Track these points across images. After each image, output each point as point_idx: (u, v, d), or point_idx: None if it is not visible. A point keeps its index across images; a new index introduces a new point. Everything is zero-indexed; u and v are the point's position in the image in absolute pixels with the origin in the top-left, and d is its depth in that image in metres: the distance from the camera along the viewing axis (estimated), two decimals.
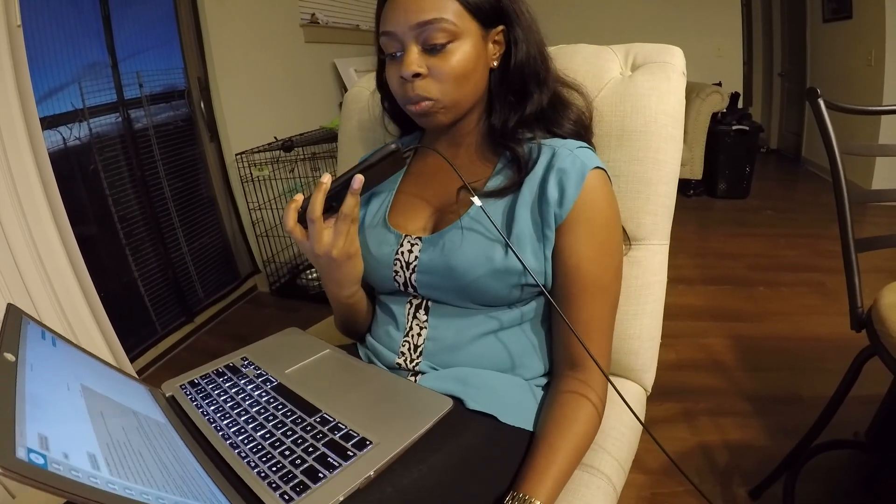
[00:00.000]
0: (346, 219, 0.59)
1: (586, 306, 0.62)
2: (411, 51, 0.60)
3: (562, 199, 0.61)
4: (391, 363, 0.69)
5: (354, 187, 0.57)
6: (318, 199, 0.57)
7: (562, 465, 0.56)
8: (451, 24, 0.59)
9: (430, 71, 0.61)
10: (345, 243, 0.60)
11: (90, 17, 1.73)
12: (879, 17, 3.08)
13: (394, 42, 0.62)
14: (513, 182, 0.64)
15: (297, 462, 0.50)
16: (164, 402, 0.63)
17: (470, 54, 0.61)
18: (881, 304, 0.88)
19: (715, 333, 1.87)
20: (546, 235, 0.62)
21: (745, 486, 1.19)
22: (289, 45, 2.63)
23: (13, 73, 1.21)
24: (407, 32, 0.60)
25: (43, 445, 0.36)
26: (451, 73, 0.60)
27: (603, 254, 0.63)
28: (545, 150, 0.65)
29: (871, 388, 1.08)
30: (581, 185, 0.61)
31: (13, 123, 1.20)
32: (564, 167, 0.62)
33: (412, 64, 0.60)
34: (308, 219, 0.58)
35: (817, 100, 0.91)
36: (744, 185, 3.49)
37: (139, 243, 1.93)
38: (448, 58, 0.60)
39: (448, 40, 0.60)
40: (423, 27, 0.59)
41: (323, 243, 0.59)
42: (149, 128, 1.98)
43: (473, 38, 0.61)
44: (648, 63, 0.78)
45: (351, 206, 0.58)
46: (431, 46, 0.60)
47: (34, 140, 1.26)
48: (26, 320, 0.53)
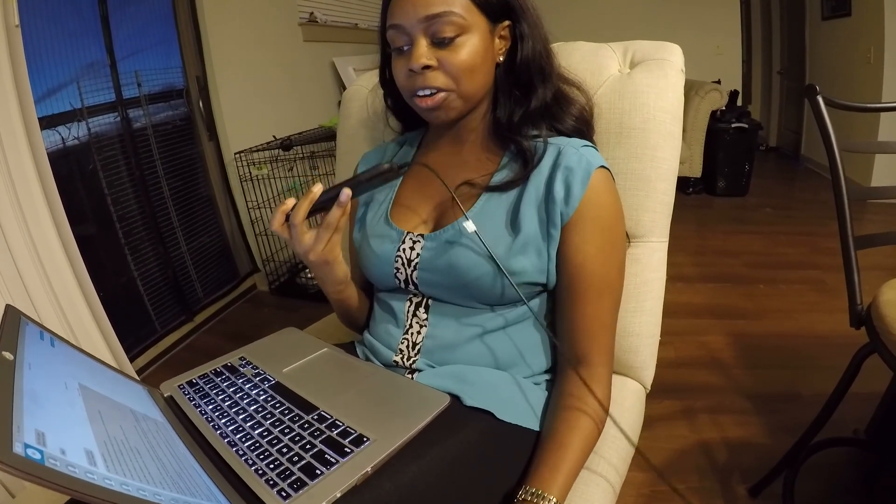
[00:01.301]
0: (329, 228, 0.59)
1: (591, 303, 0.63)
2: (420, 44, 0.60)
3: (568, 197, 0.61)
4: (388, 361, 0.69)
5: (341, 200, 0.58)
6: (302, 206, 0.58)
7: (572, 462, 0.56)
8: (459, 17, 0.59)
9: (439, 63, 0.61)
10: (323, 249, 0.61)
11: (88, 17, 1.73)
12: (878, 14, 3.07)
13: (402, 35, 0.62)
14: (518, 176, 0.65)
15: (295, 459, 0.50)
16: (163, 402, 0.63)
17: (478, 48, 0.61)
18: (880, 301, 0.88)
19: (714, 331, 1.87)
20: (551, 234, 0.63)
21: (744, 483, 1.19)
22: (287, 44, 2.63)
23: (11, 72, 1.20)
24: (415, 26, 0.60)
25: (40, 441, 0.36)
26: (460, 66, 0.61)
27: (608, 252, 0.63)
28: (551, 148, 0.65)
29: (871, 386, 1.08)
30: (587, 183, 0.61)
31: (12, 123, 1.20)
32: (571, 165, 0.62)
33: (421, 57, 0.60)
34: (290, 222, 0.59)
35: (816, 97, 0.91)
36: (743, 182, 3.49)
37: (138, 243, 1.93)
38: (457, 51, 0.60)
39: (457, 34, 0.60)
40: (431, 20, 0.59)
41: (303, 245, 0.60)
42: (147, 127, 1.98)
43: (481, 32, 0.61)
44: (647, 60, 0.78)
45: (336, 217, 0.59)
46: (440, 40, 0.60)
47: (33, 140, 1.26)
48: (24, 321, 0.53)
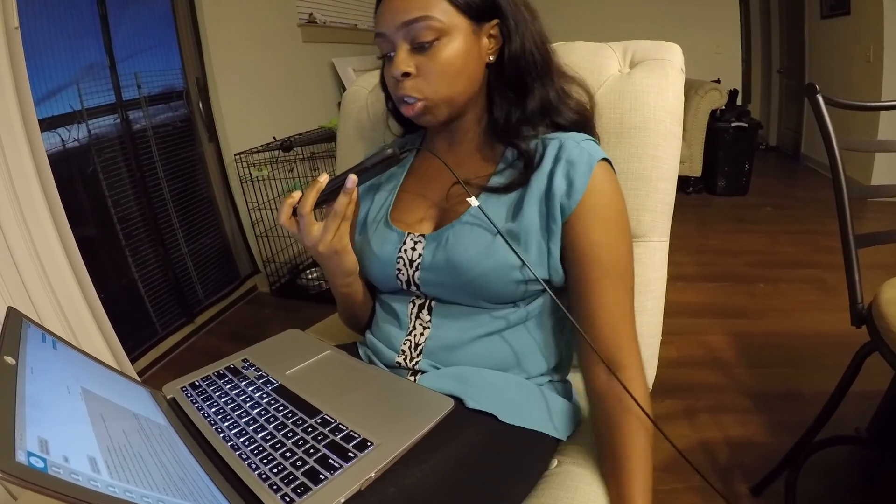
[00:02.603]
0: (337, 216, 0.60)
1: (607, 292, 0.62)
2: (401, 50, 0.61)
3: (570, 189, 0.61)
4: (391, 362, 0.69)
5: (348, 187, 0.58)
6: (310, 196, 0.58)
7: (646, 484, 0.56)
8: (437, 21, 0.59)
9: (418, 70, 0.61)
10: (332, 239, 0.61)
11: (88, 19, 1.73)
12: (878, 12, 3.07)
13: (385, 43, 0.63)
14: (519, 179, 0.64)
15: (299, 464, 0.50)
16: (165, 405, 0.63)
17: (459, 50, 0.61)
18: (881, 299, 0.88)
19: (715, 330, 1.87)
20: (551, 228, 0.62)
21: (746, 482, 1.19)
22: (287, 45, 2.63)
23: (11, 74, 1.20)
24: (395, 33, 0.61)
25: (43, 449, 0.36)
26: (439, 71, 0.61)
27: (616, 240, 0.63)
28: (552, 143, 0.65)
29: (872, 384, 1.07)
30: (589, 175, 0.61)
31: (12, 125, 1.20)
32: (572, 159, 0.62)
33: (400, 64, 0.61)
34: (298, 213, 0.59)
35: (816, 96, 0.91)
36: (743, 181, 3.49)
37: (139, 244, 1.93)
38: (436, 55, 0.60)
39: (435, 37, 0.60)
40: (409, 26, 0.59)
41: (311, 237, 0.61)
42: (147, 129, 1.97)
43: (463, 34, 0.61)
44: (647, 60, 0.78)
45: (343, 205, 0.59)
46: (419, 45, 0.60)
47: (33, 142, 1.26)
48: (27, 324, 0.53)
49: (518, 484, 0.61)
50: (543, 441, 0.65)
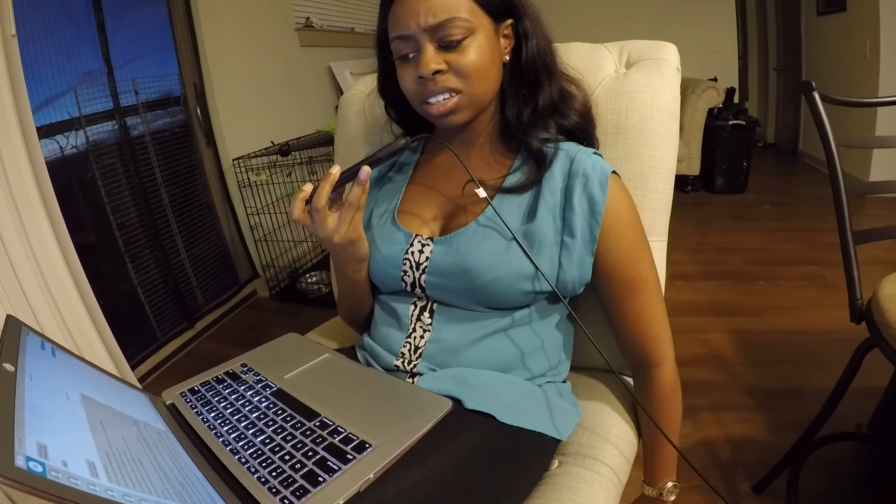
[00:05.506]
0: (351, 207, 0.60)
1: (633, 302, 0.65)
2: (427, 49, 0.60)
3: (592, 210, 0.62)
4: (389, 365, 0.69)
5: (361, 178, 0.59)
6: (324, 189, 0.58)
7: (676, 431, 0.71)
8: (465, 20, 0.59)
9: (448, 66, 0.60)
10: (347, 230, 0.62)
11: (85, 26, 1.73)
12: (873, 9, 3.08)
13: (407, 45, 0.61)
14: (531, 179, 0.64)
15: (297, 466, 0.50)
16: (165, 410, 0.63)
17: (486, 48, 0.61)
18: (880, 295, 0.88)
19: (715, 328, 1.87)
20: (565, 242, 0.62)
21: (748, 480, 1.19)
22: (284, 50, 2.63)
23: (9, 82, 1.20)
24: (421, 34, 0.59)
25: (42, 454, 0.36)
26: (470, 67, 0.60)
27: (636, 251, 0.65)
28: (561, 154, 0.65)
29: (873, 380, 1.08)
30: (606, 192, 0.62)
31: (10, 133, 1.20)
32: (588, 173, 0.62)
33: (430, 62, 0.59)
34: (313, 207, 0.59)
35: (812, 93, 0.91)
36: (741, 179, 3.49)
37: (138, 250, 1.93)
38: (466, 52, 0.60)
39: (464, 36, 0.59)
40: (437, 27, 0.59)
41: (326, 229, 0.61)
42: (145, 135, 1.98)
43: (487, 33, 0.61)
44: (643, 60, 0.78)
45: (357, 196, 0.59)
46: (448, 43, 0.60)
47: (31, 149, 1.26)
48: (25, 331, 0.53)
49: (518, 485, 0.61)
50: (543, 441, 0.64)
